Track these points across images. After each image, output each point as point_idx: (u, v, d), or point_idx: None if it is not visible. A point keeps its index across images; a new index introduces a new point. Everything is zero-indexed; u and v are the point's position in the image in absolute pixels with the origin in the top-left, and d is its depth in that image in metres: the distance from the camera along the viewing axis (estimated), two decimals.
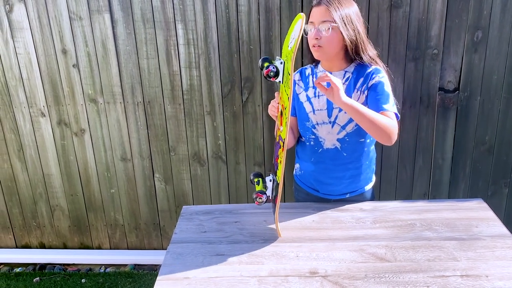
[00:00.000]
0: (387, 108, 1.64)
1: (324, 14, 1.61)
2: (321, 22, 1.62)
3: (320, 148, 1.80)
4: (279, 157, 1.57)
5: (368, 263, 1.45)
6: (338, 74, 1.74)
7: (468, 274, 1.37)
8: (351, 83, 1.72)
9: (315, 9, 1.65)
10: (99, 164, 2.70)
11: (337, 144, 1.78)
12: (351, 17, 1.64)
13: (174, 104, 2.52)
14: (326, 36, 1.63)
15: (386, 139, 1.60)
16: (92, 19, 2.38)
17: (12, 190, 2.83)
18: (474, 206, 1.79)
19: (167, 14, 2.35)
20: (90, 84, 2.52)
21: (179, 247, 1.59)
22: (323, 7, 1.62)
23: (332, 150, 1.79)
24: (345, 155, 1.79)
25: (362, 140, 1.78)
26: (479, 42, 2.29)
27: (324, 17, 1.61)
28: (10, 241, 2.99)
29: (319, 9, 1.63)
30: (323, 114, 1.76)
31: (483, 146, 2.50)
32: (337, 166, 1.82)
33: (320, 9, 1.62)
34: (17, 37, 2.45)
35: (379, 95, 1.66)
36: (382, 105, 1.65)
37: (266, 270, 1.43)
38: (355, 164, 1.81)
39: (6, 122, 2.64)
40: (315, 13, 1.65)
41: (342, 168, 1.82)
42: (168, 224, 2.84)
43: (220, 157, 2.63)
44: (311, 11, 1.68)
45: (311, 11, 1.68)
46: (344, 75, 1.73)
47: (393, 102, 1.68)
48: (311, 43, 1.67)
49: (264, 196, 1.62)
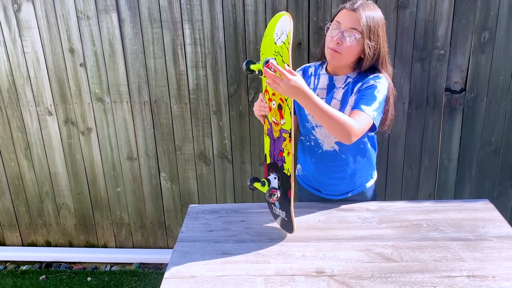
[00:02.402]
0: (364, 109, 1.56)
1: (355, 22, 1.57)
2: (349, 28, 1.58)
3: (320, 149, 1.80)
4: (285, 150, 1.56)
5: (375, 263, 1.45)
6: (340, 78, 1.71)
7: (475, 274, 1.37)
8: (349, 88, 1.69)
9: (348, 12, 1.59)
10: (106, 163, 2.72)
11: (336, 146, 1.77)
12: (378, 33, 1.60)
13: (180, 103, 2.53)
14: (348, 45, 1.60)
15: (340, 136, 1.52)
16: (99, 18, 2.39)
17: (19, 189, 2.84)
18: (480, 207, 1.78)
19: (174, 14, 2.35)
20: (97, 83, 2.53)
21: (186, 245, 1.59)
22: (356, 14, 1.56)
23: (331, 152, 1.78)
24: (344, 157, 1.78)
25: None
26: (486, 43, 2.29)
27: (354, 24, 1.57)
28: (16, 239, 3.01)
29: (352, 14, 1.57)
30: None
31: (489, 147, 2.49)
32: (337, 167, 1.81)
33: (353, 16, 1.57)
34: (25, 36, 2.46)
35: (364, 96, 1.60)
36: (360, 105, 1.57)
37: (273, 269, 1.44)
38: (354, 162, 1.80)
39: (14, 120, 2.66)
40: (346, 16, 1.59)
41: (342, 168, 1.81)
42: (174, 223, 2.85)
43: (226, 156, 2.63)
44: (340, 10, 1.63)
45: (342, 10, 1.62)
46: (346, 80, 1.70)
47: (375, 108, 1.58)
48: (330, 45, 1.62)
49: (278, 192, 1.60)
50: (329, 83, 1.73)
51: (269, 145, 1.69)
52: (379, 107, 1.60)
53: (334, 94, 1.71)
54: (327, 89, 1.73)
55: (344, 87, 1.70)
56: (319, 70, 1.79)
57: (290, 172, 1.56)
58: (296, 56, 2.37)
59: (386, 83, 1.65)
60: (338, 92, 1.70)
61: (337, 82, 1.71)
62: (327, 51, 1.66)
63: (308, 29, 2.33)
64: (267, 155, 1.72)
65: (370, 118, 1.56)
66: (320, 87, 1.75)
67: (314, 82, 1.78)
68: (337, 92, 1.70)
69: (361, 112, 1.56)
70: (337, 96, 1.70)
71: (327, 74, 1.75)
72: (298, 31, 2.34)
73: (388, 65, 1.69)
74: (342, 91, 1.69)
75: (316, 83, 1.77)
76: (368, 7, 1.60)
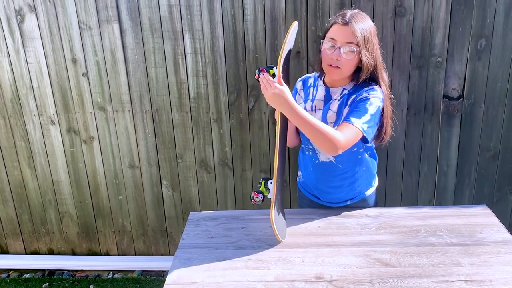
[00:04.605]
0: (352, 122, 1.58)
1: (349, 36, 1.58)
2: (345, 43, 1.59)
3: (317, 159, 1.82)
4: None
5: (373, 268, 1.47)
6: (336, 90, 1.73)
7: (472, 279, 1.39)
8: (344, 99, 1.70)
9: (341, 27, 1.60)
10: (108, 171, 2.74)
11: (331, 158, 1.79)
12: (373, 42, 1.62)
13: (181, 112, 2.56)
14: (346, 59, 1.61)
15: (325, 148, 1.55)
16: (101, 28, 2.43)
17: (22, 197, 2.87)
18: (478, 212, 1.80)
19: (174, 24, 2.39)
20: (99, 92, 2.56)
21: (187, 252, 1.61)
22: (349, 28, 1.57)
23: (327, 162, 1.80)
24: (340, 167, 1.80)
25: (355, 149, 1.77)
26: (482, 50, 2.32)
27: (349, 38, 1.58)
28: (19, 247, 3.03)
29: (345, 29, 1.59)
30: None
31: (487, 153, 2.51)
32: (334, 177, 1.83)
33: (346, 30, 1.58)
34: (28, 46, 2.50)
35: (356, 108, 1.62)
36: (350, 117, 1.59)
37: (272, 275, 1.46)
38: (351, 172, 1.82)
39: (17, 129, 2.69)
40: (339, 31, 1.60)
41: (339, 178, 1.83)
42: (175, 230, 2.86)
43: (227, 164, 2.66)
44: (332, 26, 1.63)
45: (334, 26, 1.62)
46: (341, 92, 1.72)
47: (366, 120, 1.60)
48: (328, 61, 1.63)
49: (260, 195, 1.65)
50: (326, 95, 1.75)
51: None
52: (370, 120, 1.61)
53: (330, 105, 1.73)
54: (324, 100, 1.76)
55: (339, 98, 1.72)
56: (318, 81, 1.82)
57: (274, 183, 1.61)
58: (295, 64, 2.40)
59: (381, 96, 1.66)
60: (334, 104, 1.73)
61: (333, 94, 1.74)
62: (325, 68, 1.67)
63: (306, 38, 2.36)
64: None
65: (358, 130, 1.58)
66: (317, 98, 1.78)
67: (313, 93, 1.80)
68: (333, 104, 1.73)
69: (349, 125, 1.58)
70: (333, 108, 1.72)
71: (324, 86, 1.77)
72: (297, 40, 2.37)
73: (383, 73, 1.71)
74: (337, 103, 1.72)
75: (314, 94, 1.79)
76: (359, 18, 1.61)
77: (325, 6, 2.30)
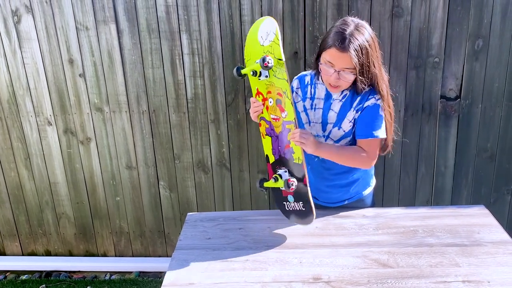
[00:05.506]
0: (377, 135, 1.68)
1: (347, 62, 1.56)
2: (343, 68, 1.58)
3: (316, 158, 1.81)
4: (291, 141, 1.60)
5: (371, 269, 1.47)
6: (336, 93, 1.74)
7: (470, 279, 1.39)
8: (347, 101, 1.71)
9: (337, 54, 1.55)
10: (105, 172, 2.73)
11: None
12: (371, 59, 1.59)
13: (178, 112, 2.56)
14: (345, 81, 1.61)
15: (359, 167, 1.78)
16: (98, 29, 2.42)
17: (18, 198, 2.86)
18: (476, 213, 1.80)
19: (172, 24, 2.39)
20: (96, 93, 2.55)
21: (184, 253, 1.61)
22: (346, 55, 1.54)
23: (327, 161, 1.79)
24: (339, 166, 1.79)
25: None
26: (480, 50, 2.32)
27: (347, 65, 1.57)
28: (16, 248, 3.02)
29: (342, 56, 1.55)
30: (318, 127, 1.77)
31: (485, 153, 2.51)
32: (332, 176, 1.83)
33: (343, 57, 1.55)
34: (25, 47, 2.49)
35: (373, 120, 1.67)
36: (373, 131, 1.67)
37: (270, 276, 1.45)
38: (349, 173, 1.82)
39: (14, 131, 2.68)
40: (338, 58, 1.56)
41: (337, 177, 1.83)
42: (173, 231, 2.86)
43: (224, 164, 2.65)
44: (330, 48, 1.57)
45: (331, 49, 1.56)
46: (342, 93, 1.72)
47: (383, 124, 1.69)
48: (329, 81, 1.63)
49: (295, 180, 1.62)
50: (326, 93, 1.75)
51: (271, 144, 1.72)
52: (383, 122, 1.71)
53: (331, 105, 1.73)
54: (324, 98, 1.75)
55: (341, 99, 1.72)
56: (315, 79, 1.80)
57: (301, 160, 1.60)
58: (293, 65, 2.40)
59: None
60: (335, 104, 1.72)
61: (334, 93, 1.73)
62: (326, 84, 1.68)
63: (304, 38, 2.36)
64: (269, 156, 1.74)
65: (378, 141, 1.72)
66: (317, 96, 1.77)
67: (311, 92, 1.79)
68: (334, 104, 1.73)
69: (372, 140, 1.69)
70: (335, 108, 1.72)
71: (323, 85, 1.76)
72: (294, 41, 2.37)
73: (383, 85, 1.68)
74: (339, 104, 1.72)
75: (312, 92, 1.78)
76: (356, 36, 1.55)
77: (322, 7, 2.30)
